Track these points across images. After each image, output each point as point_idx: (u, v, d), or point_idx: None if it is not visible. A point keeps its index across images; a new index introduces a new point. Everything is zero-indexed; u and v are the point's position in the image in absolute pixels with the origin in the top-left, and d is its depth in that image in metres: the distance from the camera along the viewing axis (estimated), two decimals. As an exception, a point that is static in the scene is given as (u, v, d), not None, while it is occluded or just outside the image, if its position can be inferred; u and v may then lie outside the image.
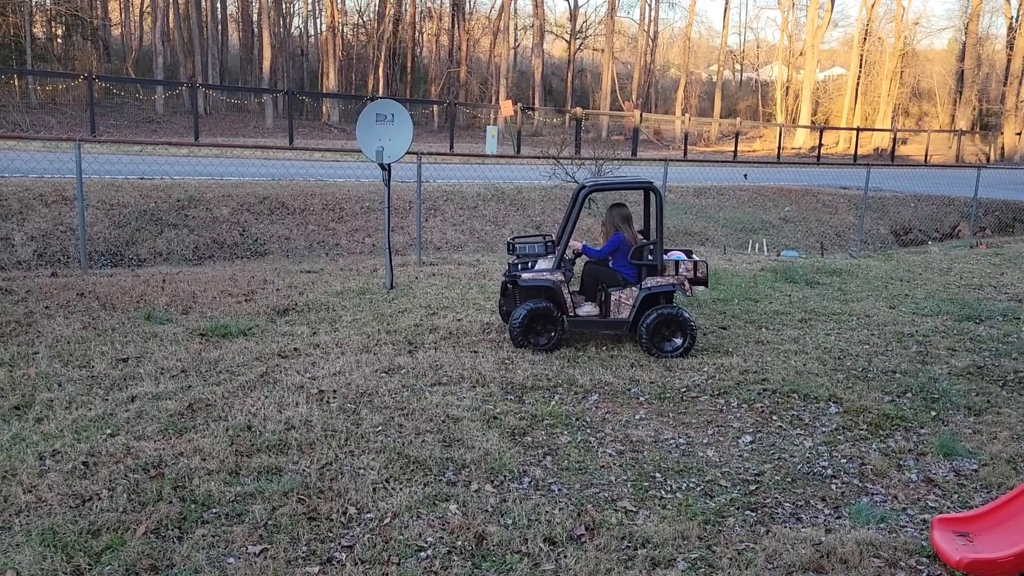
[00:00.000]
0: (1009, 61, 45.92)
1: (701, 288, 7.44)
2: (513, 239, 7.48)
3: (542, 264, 7.06)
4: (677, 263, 7.00)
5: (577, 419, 5.34)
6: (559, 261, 6.97)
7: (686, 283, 6.97)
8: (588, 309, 7.06)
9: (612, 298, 6.90)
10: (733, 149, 35.19)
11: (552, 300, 6.88)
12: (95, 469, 4.33)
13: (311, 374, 6.00)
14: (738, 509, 4.20)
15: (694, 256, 7.27)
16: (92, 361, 6.15)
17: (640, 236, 7.33)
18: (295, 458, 4.56)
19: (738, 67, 71.93)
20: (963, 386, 6.22)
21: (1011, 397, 6.03)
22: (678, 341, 6.81)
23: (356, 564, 3.56)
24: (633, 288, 6.90)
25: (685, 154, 33.19)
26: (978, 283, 10.52)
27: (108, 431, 4.83)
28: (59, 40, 42.32)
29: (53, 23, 41.91)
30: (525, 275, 6.97)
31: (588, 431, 5.17)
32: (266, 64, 40.78)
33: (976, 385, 6.27)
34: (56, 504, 3.95)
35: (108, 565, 3.48)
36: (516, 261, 7.19)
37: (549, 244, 7.29)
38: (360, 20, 52.64)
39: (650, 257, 6.92)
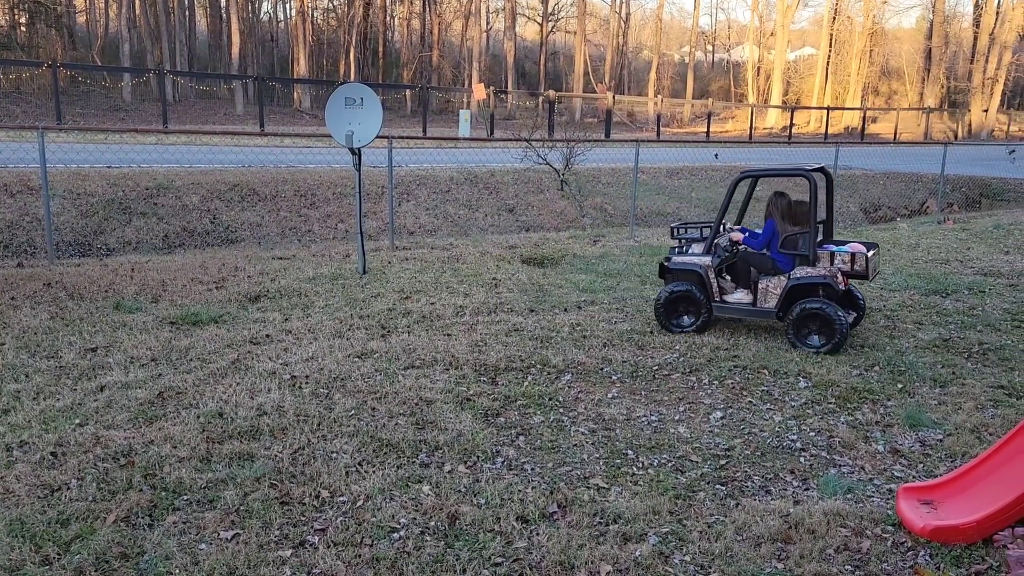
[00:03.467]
0: (976, 39, 46.40)
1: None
2: (677, 225, 7.58)
3: (696, 249, 7.15)
4: (832, 254, 6.67)
5: (550, 399, 5.36)
6: (710, 246, 7.02)
7: (839, 275, 6.60)
8: (739, 296, 7.00)
9: (760, 286, 6.80)
10: (706, 130, 35.35)
11: (697, 284, 6.92)
12: (63, 459, 4.29)
13: (283, 360, 5.97)
14: (708, 483, 4.25)
15: (874, 250, 6.85)
16: (60, 351, 6.08)
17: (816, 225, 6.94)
18: (267, 444, 4.55)
19: (710, 48, 72.08)
20: (929, 359, 6.32)
21: (976, 368, 6.14)
22: (822, 338, 6.45)
23: (329, 547, 3.57)
24: (782, 277, 6.70)
25: (658, 135, 33.27)
26: (945, 258, 10.68)
27: (77, 421, 4.79)
28: (22, 28, 41.36)
29: (16, 10, 40.94)
30: (675, 258, 7.09)
31: (561, 411, 5.20)
32: (235, 50, 40.22)
33: (942, 357, 6.37)
34: (24, 495, 3.91)
35: (78, 554, 3.45)
36: (677, 246, 7.29)
37: (708, 231, 7.25)
38: (330, 4, 52.02)
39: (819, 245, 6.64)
